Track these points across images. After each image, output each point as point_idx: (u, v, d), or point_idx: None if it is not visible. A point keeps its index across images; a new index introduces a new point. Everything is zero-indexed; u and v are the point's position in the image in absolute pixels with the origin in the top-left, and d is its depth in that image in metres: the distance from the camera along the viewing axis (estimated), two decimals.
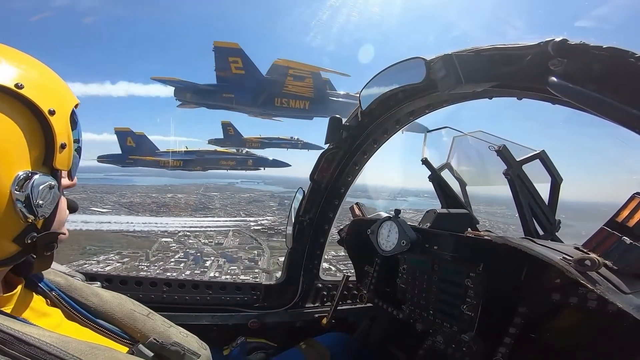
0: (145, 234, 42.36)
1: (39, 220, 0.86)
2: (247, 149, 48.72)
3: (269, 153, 51.30)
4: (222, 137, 48.14)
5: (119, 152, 45.32)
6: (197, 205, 54.86)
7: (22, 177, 0.79)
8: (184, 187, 68.85)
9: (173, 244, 40.62)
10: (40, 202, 0.82)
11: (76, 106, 0.97)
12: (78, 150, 0.99)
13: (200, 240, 41.91)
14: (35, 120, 0.82)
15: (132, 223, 44.15)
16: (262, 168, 50.31)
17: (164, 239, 41.60)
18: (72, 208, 1.05)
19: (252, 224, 47.65)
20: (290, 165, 50.38)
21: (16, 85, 0.78)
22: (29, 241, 0.86)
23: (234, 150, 48.44)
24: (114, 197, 59.06)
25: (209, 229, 45.16)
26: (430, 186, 2.57)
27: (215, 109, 43.65)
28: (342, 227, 2.85)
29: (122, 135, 45.38)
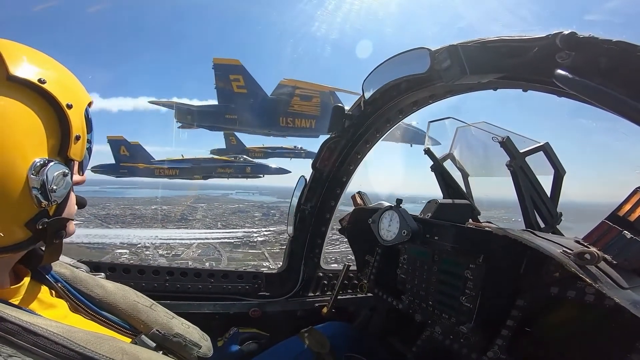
0: (101, 246, 40.42)
1: (51, 206, 0.89)
2: (244, 156, 46.83)
3: (272, 162, 49.81)
4: (224, 147, 47.05)
5: (113, 162, 43.75)
6: (175, 217, 52.38)
7: (38, 163, 0.84)
8: (174, 199, 66.19)
9: (126, 255, 38.72)
10: (54, 187, 0.87)
11: (89, 104, 1.02)
12: (89, 150, 1.04)
13: (158, 252, 40.16)
14: (54, 112, 0.89)
15: (89, 235, 41.53)
16: (261, 175, 48.64)
17: (118, 250, 39.78)
18: (81, 204, 1.08)
19: (226, 234, 45.20)
20: (290, 172, 48.39)
21: (39, 81, 0.86)
22: (40, 227, 0.89)
23: (232, 157, 46.86)
24: (95, 209, 56.50)
25: (170, 239, 42.69)
26: (428, 192, 2.55)
27: (217, 131, 41.90)
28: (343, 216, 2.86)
29: (115, 143, 43.65)
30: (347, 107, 2.53)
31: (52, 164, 0.86)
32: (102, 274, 1.30)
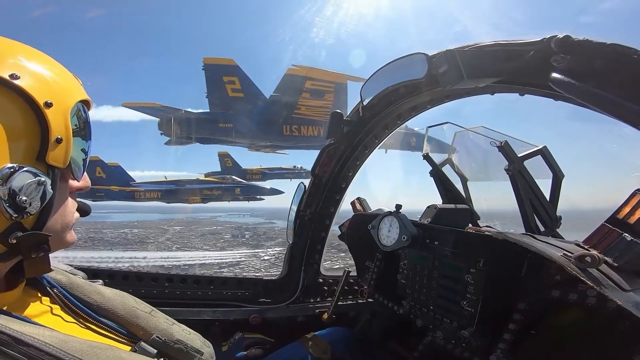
0: None
1: (26, 218, 0.81)
2: (233, 177, 42.32)
3: (271, 184, 45.98)
4: (219, 169, 43.48)
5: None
6: (133, 240, 46.37)
7: (6, 171, 0.75)
8: (152, 222, 60.31)
9: None
10: (24, 198, 0.77)
11: (86, 104, 0.94)
12: (84, 162, 0.98)
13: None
14: (30, 112, 0.79)
15: None
16: (256, 197, 43.68)
17: None
18: (84, 212, 1.03)
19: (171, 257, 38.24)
20: (284, 192, 42.50)
21: (11, 76, 0.77)
22: (13, 241, 0.80)
23: (219, 178, 42.33)
24: None
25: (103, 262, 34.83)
26: (425, 204, 2.51)
27: (209, 144, 36.08)
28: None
29: (90, 165, 39.37)
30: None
31: (22, 171, 0.76)
32: (100, 280, 1.28)
